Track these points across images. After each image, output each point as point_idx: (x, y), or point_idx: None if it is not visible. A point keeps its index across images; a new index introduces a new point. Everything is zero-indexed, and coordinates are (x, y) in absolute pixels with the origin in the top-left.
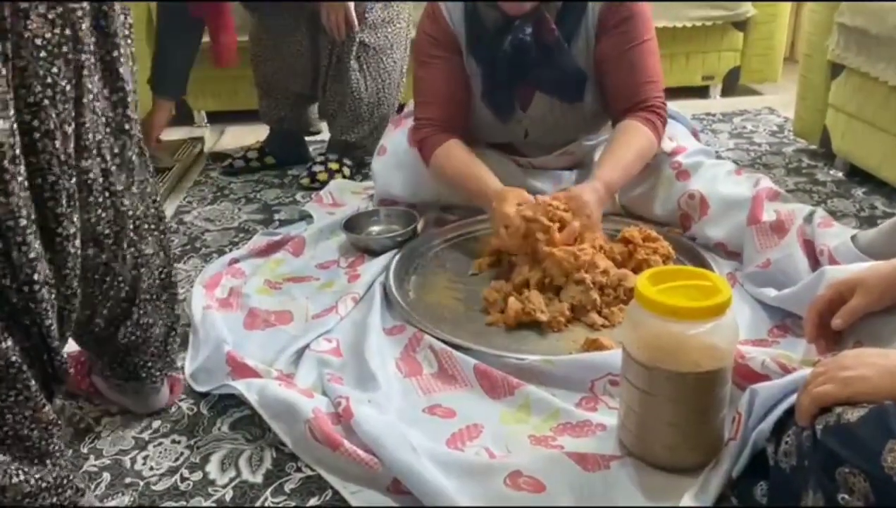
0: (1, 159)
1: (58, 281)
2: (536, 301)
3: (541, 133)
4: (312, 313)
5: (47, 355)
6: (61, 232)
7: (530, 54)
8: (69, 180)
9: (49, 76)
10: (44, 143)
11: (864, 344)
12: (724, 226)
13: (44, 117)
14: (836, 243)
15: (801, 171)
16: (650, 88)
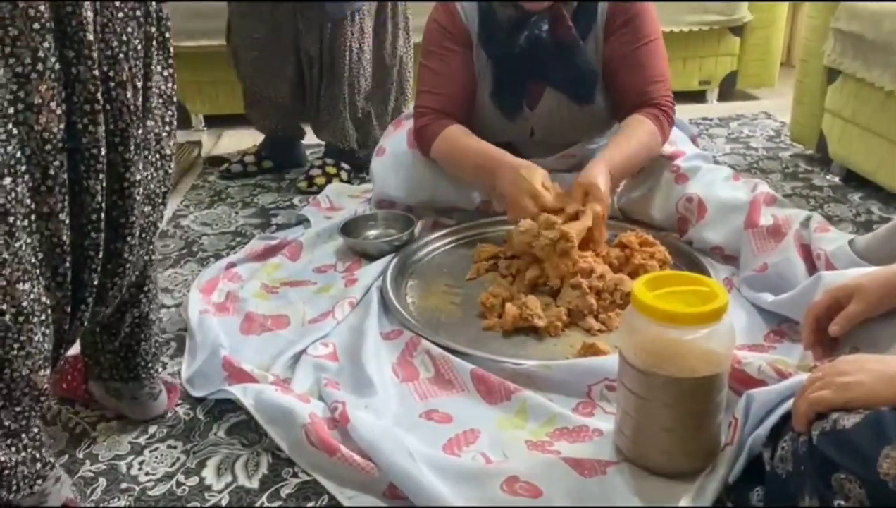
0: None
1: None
2: (533, 306)
3: (547, 133)
4: (309, 317)
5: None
6: (129, 177)
7: (546, 51)
8: (137, 130)
9: (125, 34)
10: (117, 92)
11: (861, 350)
12: (722, 230)
13: (119, 70)
14: (832, 247)
15: (797, 175)
16: (657, 87)
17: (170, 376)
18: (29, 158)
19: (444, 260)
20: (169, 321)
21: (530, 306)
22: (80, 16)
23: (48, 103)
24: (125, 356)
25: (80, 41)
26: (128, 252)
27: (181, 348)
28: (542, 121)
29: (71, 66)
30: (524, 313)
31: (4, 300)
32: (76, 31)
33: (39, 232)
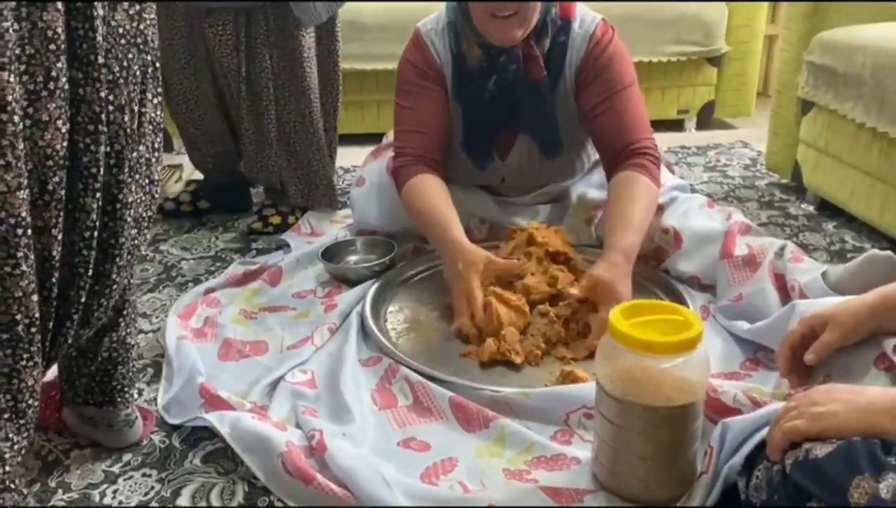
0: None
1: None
2: (512, 340)
3: (517, 180)
4: (288, 343)
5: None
6: (122, 198)
7: (516, 92)
8: (131, 153)
9: (126, 59)
10: (116, 115)
11: (834, 378)
12: (697, 260)
13: (118, 93)
14: (806, 278)
15: (773, 204)
16: (637, 131)
17: (146, 402)
18: (31, 172)
19: (424, 286)
20: (146, 347)
21: (508, 341)
22: (92, 39)
23: (55, 121)
24: (101, 380)
25: (90, 63)
26: (115, 273)
27: (158, 374)
28: (512, 171)
29: (79, 87)
30: (502, 347)
31: (19, 311)
32: (87, 54)
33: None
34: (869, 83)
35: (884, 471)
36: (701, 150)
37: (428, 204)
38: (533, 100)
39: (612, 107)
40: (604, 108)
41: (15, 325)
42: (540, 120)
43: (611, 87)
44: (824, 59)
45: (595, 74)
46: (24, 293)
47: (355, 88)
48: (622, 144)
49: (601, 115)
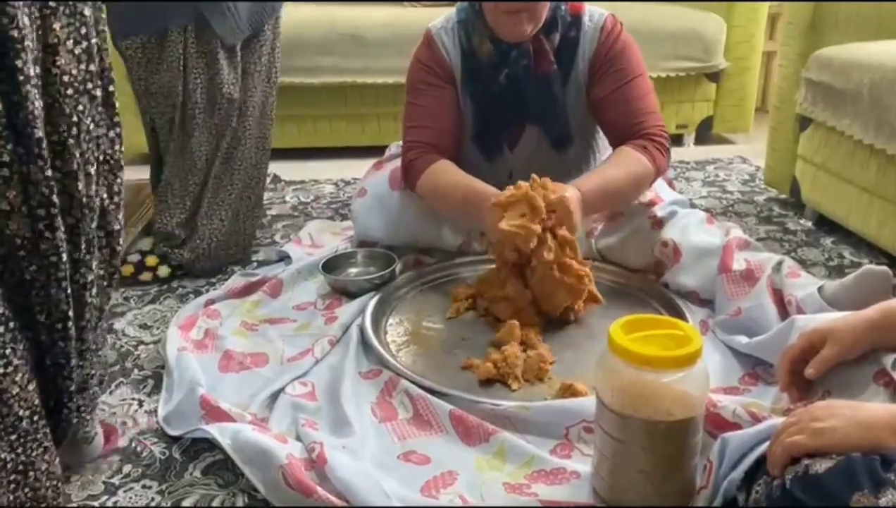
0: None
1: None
2: (513, 362)
3: (525, 175)
4: (288, 355)
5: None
6: (80, 279)
7: (526, 86)
8: (89, 225)
9: (75, 113)
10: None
11: (834, 393)
12: (696, 274)
13: (68, 159)
14: (803, 293)
15: (771, 219)
16: (647, 118)
17: (146, 413)
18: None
19: (425, 298)
20: (147, 359)
21: (509, 363)
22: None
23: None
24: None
25: (30, 137)
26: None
27: (158, 385)
28: (520, 163)
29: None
30: (502, 370)
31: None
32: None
33: None
34: (866, 100)
35: (884, 487)
36: (700, 165)
37: (454, 182)
38: (543, 93)
39: (623, 95)
40: (615, 96)
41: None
42: (550, 112)
43: (622, 76)
44: (822, 77)
45: (608, 63)
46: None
47: (356, 102)
48: (631, 129)
49: (612, 103)
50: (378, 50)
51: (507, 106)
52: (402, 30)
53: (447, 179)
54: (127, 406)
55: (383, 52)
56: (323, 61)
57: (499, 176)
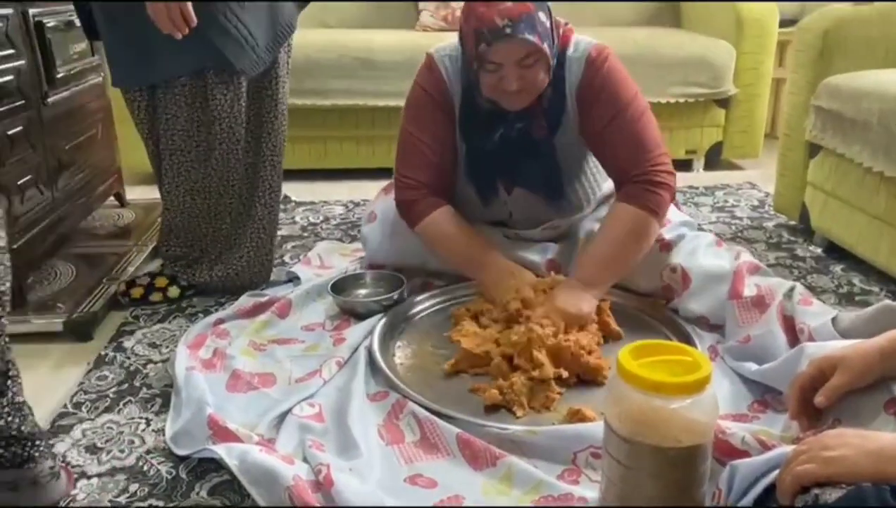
0: None
1: None
2: (519, 391)
3: (525, 215)
4: (296, 376)
5: None
6: None
7: (518, 152)
8: None
9: None
10: None
11: (844, 422)
12: (706, 300)
13: None
14: (816, 323)
15: (781, 246)
16: (644, 155)
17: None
18: None
19: (433, 321)
20: (155, 377)
21: (515, 391)
22: None
23: None
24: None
25: None
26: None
27: (166, 404)
28: (518, 206)
29: None
30: (508, 396)
31: None
32: None
33: None
34: (876, 128)
35: None
36: (709, 190)
37: (456, 237)
38: (533, 157)
39: (616, 129)
40: (608, 132)
41: None
42: (541, 176)
43: (613, 106)
44: (832, 104)
45: (595, 94)
46: None
47: (366, 124)
48: (629, 172)
49: (608, 139)
50: (388, 74)
51: (499, 164)
52: (412, 54)
53: (449, 232)
54: (134, 425)
55: (393, 76)
56: (334, 84)
57: (498, 215)
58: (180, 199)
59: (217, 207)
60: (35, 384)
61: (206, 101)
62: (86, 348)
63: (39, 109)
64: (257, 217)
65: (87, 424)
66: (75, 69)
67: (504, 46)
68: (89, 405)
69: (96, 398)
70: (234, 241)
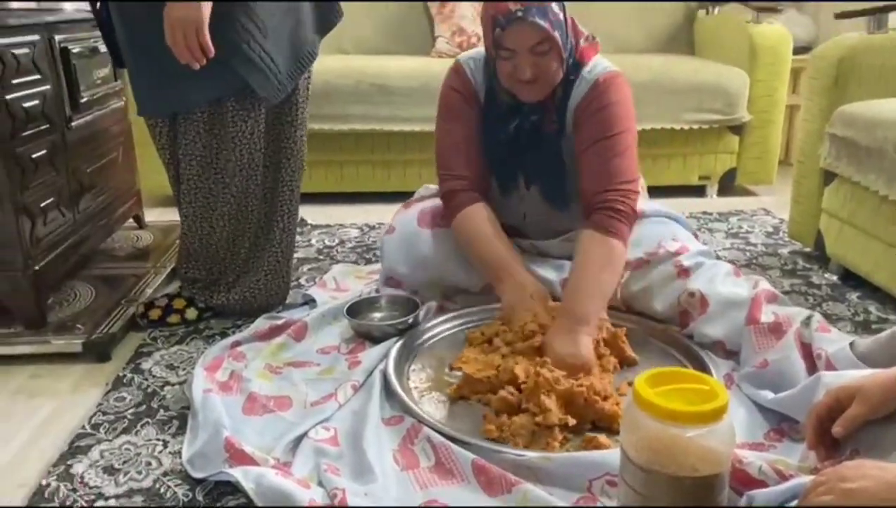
0: None
1: None
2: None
3: (538, 218)
4: (311, 399)
5: None
6: None
7: (530, 144)
8: None
9: None
10: None
11: (862, 452)
12: (723, 325)
13: None
14: (834, 349)
15: (796, 273)
16: (611, 183)
17: (170, 455)
18: None
19: (448, 344)
20: (172, 399)
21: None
22: None
23: None
24: None
25: None
26: None
27: (183, 426)
28: (531, 207)
29: None
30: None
31: None
32: None
33: None
34: (891, 157)
35: None
36: (723, 216)
37: (485, 240)
38: (543, 152)
39: (596, 153)
40: (588, 153)
41: None
42: (548, 169)
43: (599, 132)
44: (846, 132)
45: (588, 116)
46: None
47: (382, 149)
48: (598, 190)
49: (585, 158)
50: (404, 99)
51: (515, 156)
52: (428, 80)
53: (480, 232)
54: (152, 447)
55: (409, 102)
56: (352, 110)
57: (513, 216)
58: (198, 224)
59: (235, 231)
60: (54, 404)
61: (224, 128)
62: (104, 369)
63: (63, 132)
64: (275, 241)
65: (105, 445)
66: (98, 94)
67: (516, 30)
68: (107, 426)
69: (114, 419)
70: (252, 264)
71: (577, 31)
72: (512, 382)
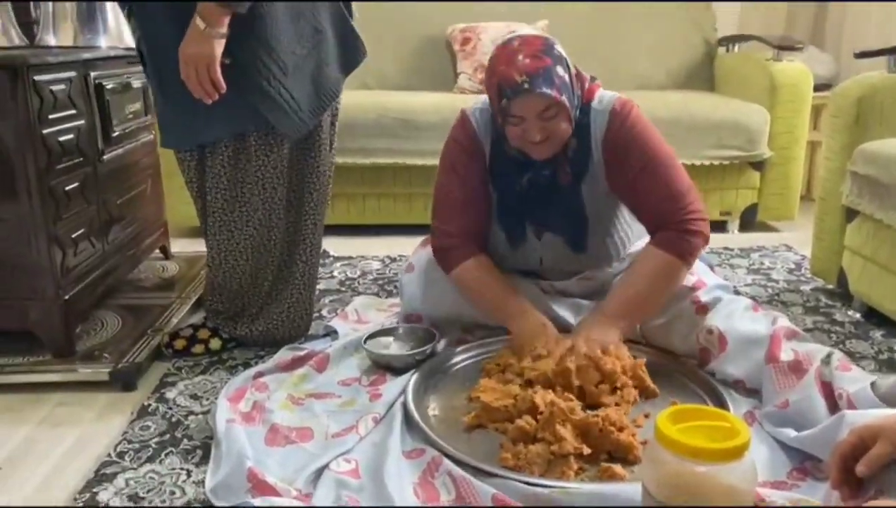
0: None
1: None
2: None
3: (555, 263)
4: (333, 431)
5: None
6: None
7: (546, 196)
8: None
9: None
10: None
11: (886, 493)
12: (742, 364)
13: None
14: (855, 388)
15: (818, 310)
16: (677, 203)
17: (194, 484)
18: None
19: (466, 374)
20: (196, 429)
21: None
22: None
23: None
24: None
25: None
26: None
27: (206, 456)
28: (548, 253)
29: None
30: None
31: None
32: None
33: None
34: None
35: None
36: (744, 251)
37: (488, 285)
38: (561, 203)
39: (649, 178)
40: (640, 180)
41: None
42: (567, 222)
43: (642, 156)
44: (868, 170)
45: (623, 148)
46: None
47: (404, 182)
48: (665, 215)
49: (639, 189)
50: (427, 134)
51: (528, 208)
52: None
53: (481, 279)
54: (175, 476)
55: (432, 136)
56: (375, 144)
57: (529, 262)
58: (223, 257)
59: (258, 265)
60: (81, 431)
61: (248, 162)
62: (130, 397)
63: (95, 165)
64: (297, 274)
65: (129, 473)
66: (129, 128)
67: (524, 101)
68: (132, 454)
69: (139, 447)
70: (275, 297)
71: (581, 80)
72: (531, 411)
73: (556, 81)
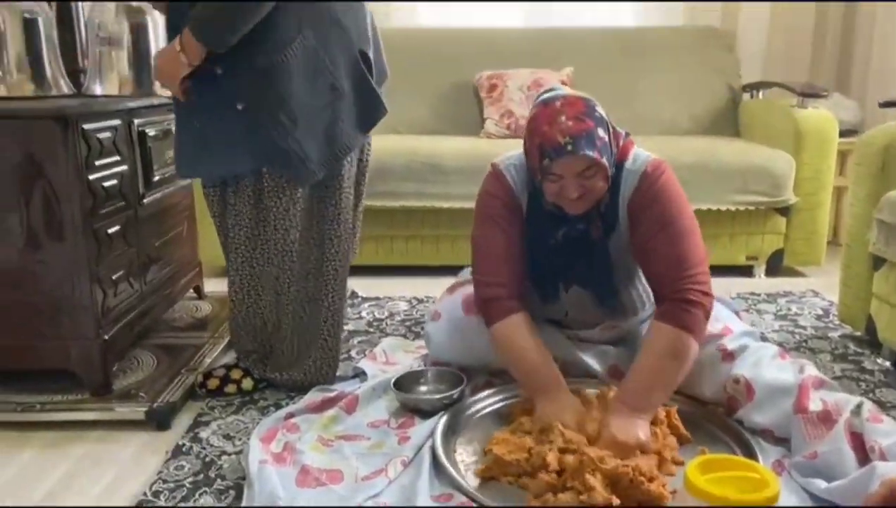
0: None
1: None
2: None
3: (580, 315)
4: (362, 474)
5: None
6: None
7: (578, 250)
8: None
9: None
10: None
11: None
12: (770, 413)
13: None
14: (889, 441)
15: (847, 357)
16: (683, 272)
17: None
18: None
19: (494, 418)
20: (229, 469)
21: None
22: None
23: None
24: None
25: None
26: None
27: (239, 496)
28: (574, 305)
29: None
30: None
31: None
32: None
33: None
34: None
35: None
36: (771, 297)
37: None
38: (589, 255)
39: (662, 243)
40: (654, 244)
41: None
42: (594, 274)
43: (660, 220)
44: (894, 218)
45: (645, 206)
46: None
47: (432, 224)
48: (669, 283)
49: (651, 252)
50: (455, 177)
51: (560, 261)
52: (477, 160)
53: (521, 342)
54: None
55: (460, 180)
56: (404, 187)
57: (555, 314)
58: (243, 294)
59: (276, 305)
60: (117, 470)
61: (264, 202)
62: (164, 436)
63: (136, 209)
64: (321, 319)
65: None
66: (168, 172)
67: (565, 162)
68: (167, 493)
69: (174, 487)
70: (301, 349)
71: (616, 137)
72: (543, 468)
73: (597, 143)
